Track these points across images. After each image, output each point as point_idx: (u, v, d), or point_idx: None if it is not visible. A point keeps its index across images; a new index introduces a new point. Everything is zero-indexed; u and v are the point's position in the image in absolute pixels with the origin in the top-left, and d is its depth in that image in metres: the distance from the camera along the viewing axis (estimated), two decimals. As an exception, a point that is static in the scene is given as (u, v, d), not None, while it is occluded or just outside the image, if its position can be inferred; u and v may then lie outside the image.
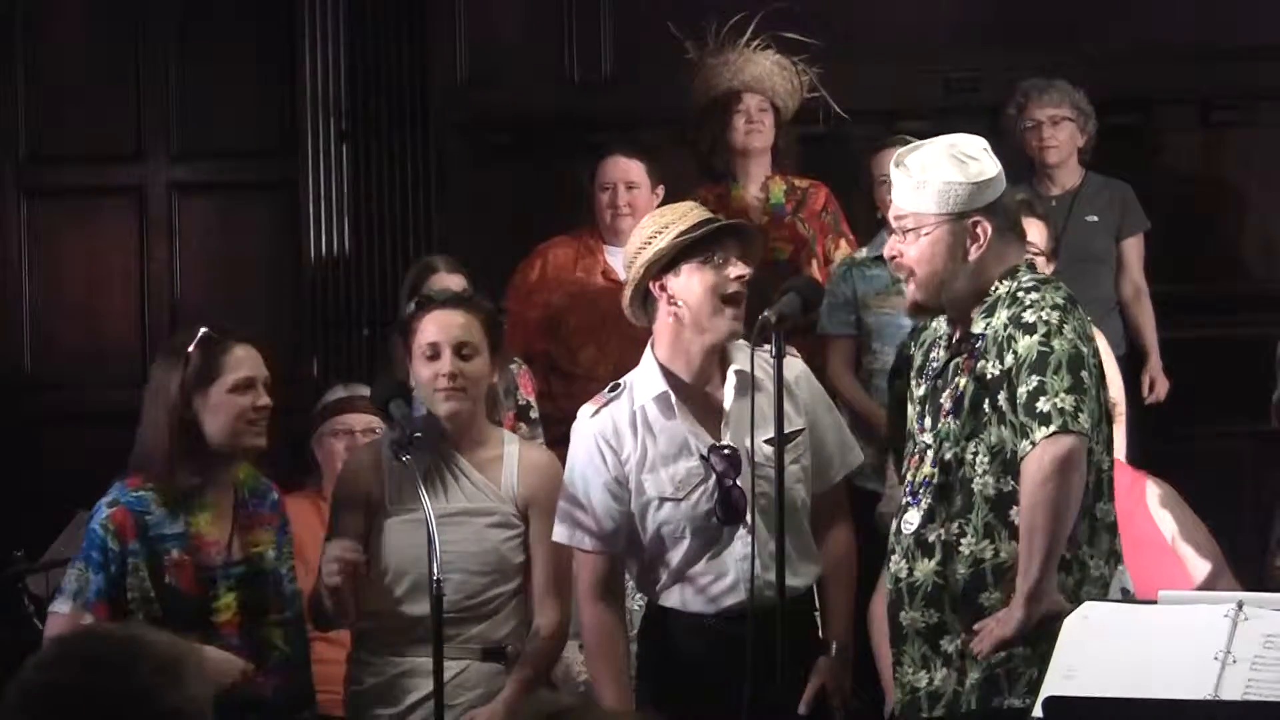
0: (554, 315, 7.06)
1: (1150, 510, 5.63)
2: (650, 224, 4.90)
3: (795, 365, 4.92)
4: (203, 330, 4.96)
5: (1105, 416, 4.60)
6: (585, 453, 4.91)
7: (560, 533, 4.95)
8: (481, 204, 8.09)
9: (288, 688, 5.00)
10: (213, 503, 4.94)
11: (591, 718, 2.95)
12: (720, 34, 7.35)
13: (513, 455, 5.17)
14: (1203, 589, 5.56)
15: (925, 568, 4.55)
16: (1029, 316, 4.47)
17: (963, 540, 4.51)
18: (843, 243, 7.26)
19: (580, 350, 7.01)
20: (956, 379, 4.57)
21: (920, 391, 4.68)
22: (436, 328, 5.11)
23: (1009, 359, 4.47)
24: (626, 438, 4.87)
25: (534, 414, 6.58)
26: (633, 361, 6.57)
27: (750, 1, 7.37)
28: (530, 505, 5.12)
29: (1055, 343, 4.43)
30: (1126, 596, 4.69)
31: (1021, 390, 4.42)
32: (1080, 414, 4.38)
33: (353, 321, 7.88)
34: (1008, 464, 4.49)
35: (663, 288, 4.83)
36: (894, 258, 4.66)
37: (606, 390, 4.97)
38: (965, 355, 4.57)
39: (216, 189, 8.30)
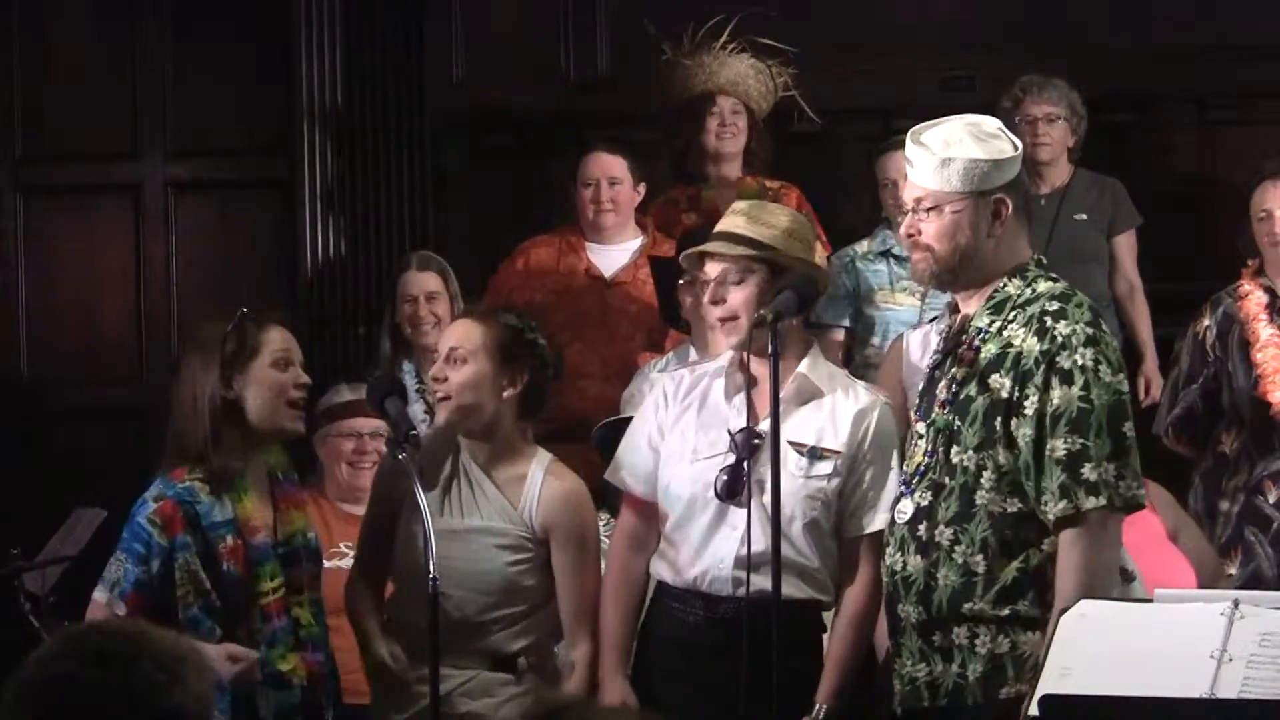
0: (536, 314, 7.04)
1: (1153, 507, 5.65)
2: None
3: (873, 401, 4.90)
4: (240, 312, 5.00)
5: None
6: (650, 402, 5.07)
7: (611, 472, 5.07)
8: (477, 202, 8.09)
9: (321, 670, 5.02)
10: (253, 485, 4.95)
11: (591, 716, 2.95)
12: (696, 36, 7.36)
13: (537, 479, 5.10)
14: (1205, 585, 5.58)
15: (917, 564, 4.55)
16: (1064, 362, 4.42)
17: (956, 547, 4.51)
18: (818, 245, 7.25)
19: (566, 348, 7.01)
20: (954, 370, 4.56)
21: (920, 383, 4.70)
22: (441, 338, 5.19)
23: (1033, 397, 4.43)
24: (682, 396, 4.98)
25: None
26: (620, 357, 6.65)
27: (743, 1, 7.37)
28: (551, 534, 5.06)
29: (1094, 394, 4.41)
30: (1125, 575, 4.69)
31: (1061, 446, 4.40)
32: (1122, 482, 4.39)
33: (348, 320, 7.88)
34: (1015, 486, 4.48)
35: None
36: (911, 235, 4.61)
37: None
38: (965, 347, 4.56)
39: (213, 187, 8.29)
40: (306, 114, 7.95)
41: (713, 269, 4.93)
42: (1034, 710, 3.87)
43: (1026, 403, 4.45)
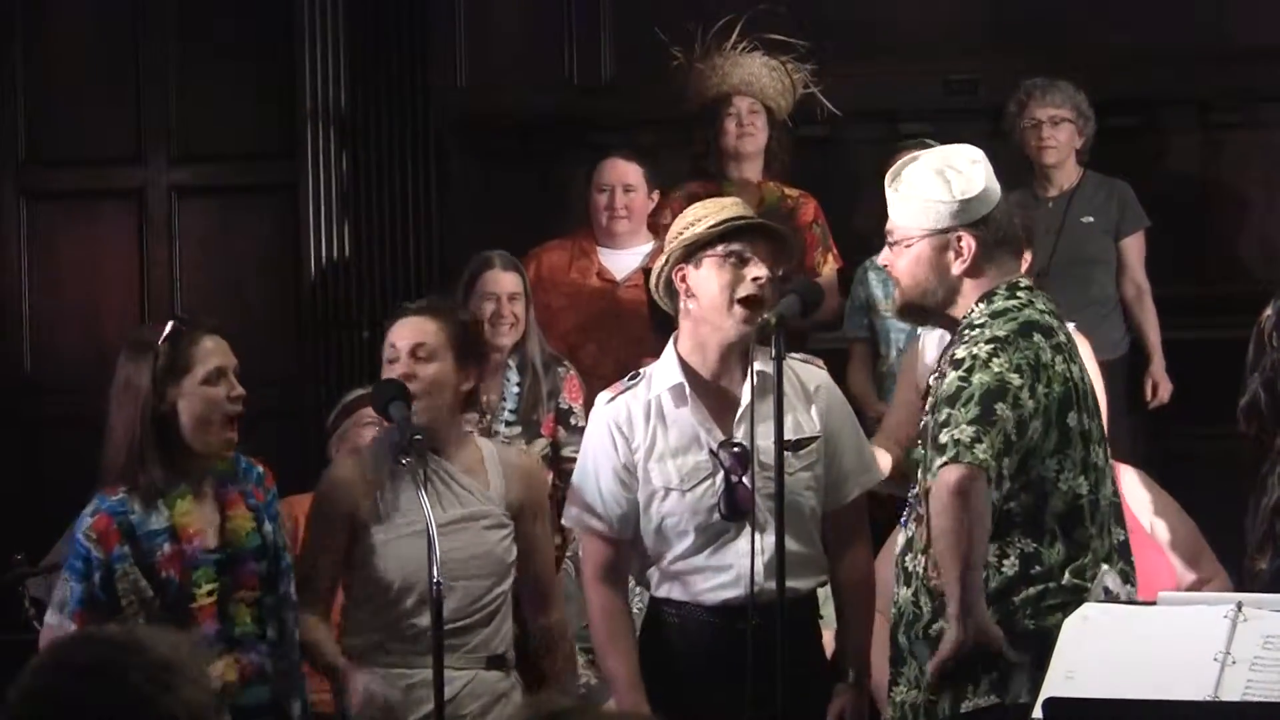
0: (549, 317, 7.06)
1: (1125, 498, 5.64)
2: (689, 214, 4.93)
3: (818, 375, 4.97)
4: (170, 323, 4.88)
5: (1081, 439, 4.54)
6: (598, 438, 4.93)
7: (570, 515, 4.98)
8: (481, 206, 8.09)
9: (263, 668, 4.88)
10: (189, 491, 4.86)
11: (590, 718, 2.95)
12: (707, 38, 7.36)
13: (493, 458, 5.17)
14: (1184, 571, 5.57)
15: (904, 595, 4.57)
16: (960, 353, 4.44)
17: (931, 573, 4.51)
18: (830, 257, 7.26)
19: (579, 350, 7.01)
20: (929, 398, 4.60)
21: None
22: (397, 333, 5.13)
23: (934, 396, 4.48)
24: (639, 426, 4.88)
25: (575, 420, 6.49)
26: (634, 358, 6.61)
27: (749, 3, 7.38)
28: (521, 508, 5.14)
29: (975, 376, 4.39)
30: (1109, 595, 4.68)
31: (933, 422, 4.42)
32: (978, 445, 4.32)
33: (353, 324, 7.89)
34: None
35: (683, 279, 4.86)
36: (885, 267, 4.73)
37: (625, 379, 4.98)
38: (938, 375, 4.58)
39: (216, 192, 8.31)
40: (311, 118, 7.97)
41: (766, 251, 4.86)
42: (1038, 713, 3.87)
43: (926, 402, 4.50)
